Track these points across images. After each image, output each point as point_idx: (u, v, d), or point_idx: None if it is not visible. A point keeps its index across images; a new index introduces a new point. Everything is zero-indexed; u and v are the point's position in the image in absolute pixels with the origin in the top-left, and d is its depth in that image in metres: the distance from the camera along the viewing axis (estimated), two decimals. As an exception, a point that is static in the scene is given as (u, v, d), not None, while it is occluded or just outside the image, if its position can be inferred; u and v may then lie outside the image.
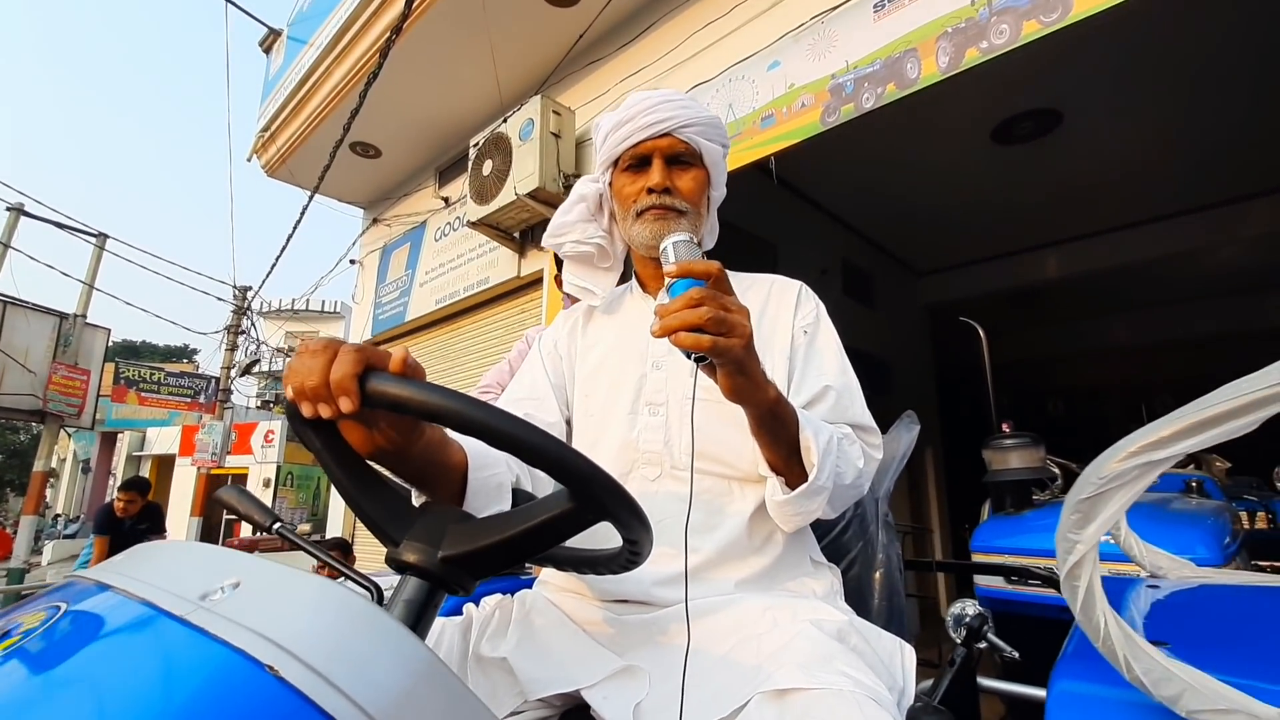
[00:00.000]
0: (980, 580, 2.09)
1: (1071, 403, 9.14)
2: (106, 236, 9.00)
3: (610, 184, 1.01)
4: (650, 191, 0.94)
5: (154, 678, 0.31)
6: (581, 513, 0.54)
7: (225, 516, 16.71)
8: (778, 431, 0.76)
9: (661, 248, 0.73)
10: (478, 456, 0.73)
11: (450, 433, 0.74)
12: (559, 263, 2.06)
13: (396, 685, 0.33)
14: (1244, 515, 2.96)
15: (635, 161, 0.96)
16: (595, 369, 0.98)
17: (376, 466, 0.64)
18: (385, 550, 0.59)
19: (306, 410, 0.54)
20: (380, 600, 0.54)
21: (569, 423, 0.99)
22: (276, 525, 0.66)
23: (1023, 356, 8.13)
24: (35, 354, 8.15)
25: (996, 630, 1.21)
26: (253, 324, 11.44)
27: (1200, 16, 3.29)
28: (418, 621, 0.54)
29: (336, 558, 0.82)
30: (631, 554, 0.61)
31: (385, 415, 0.59)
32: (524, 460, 0.51)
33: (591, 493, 0.53)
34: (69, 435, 16.50)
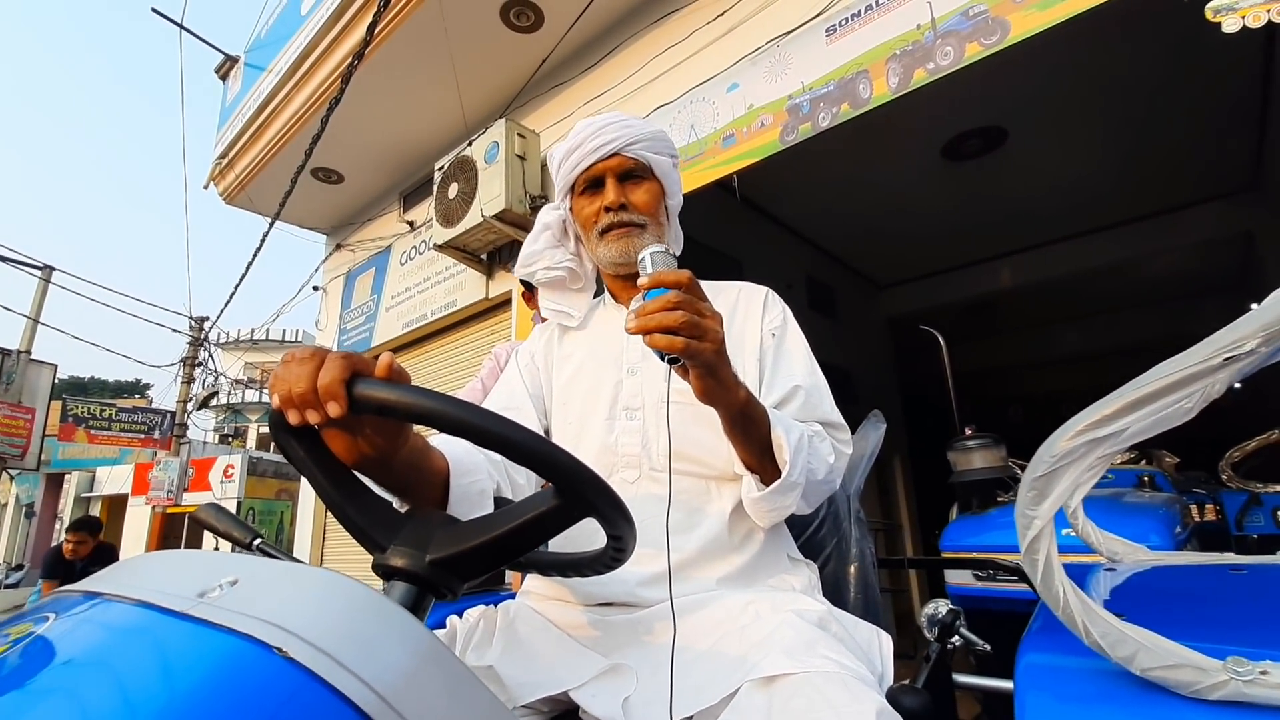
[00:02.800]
0: (951, 579, 2.14)
1: (1030, 409, 9.44)
2: (52, 269, 8.69)
3: (571, 209, 1.05)
4: (607, 210, 0.97)
5: (160, 670, 0.31)
6: (567, 509, 0.56)
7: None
8: (750, 431, 0.79)
9: (639, 259, 0.76)
10: (459, 464, 0.74)
11: (432, 441, 0.75)
12: (526, 282, 2.08)
13: (402, 665, 0.34)
14: (1193, 508, 3.10)
15: (590, 184, 1.00)
16: (572, 378, 1.00)
17: (359, 476, 0.64)
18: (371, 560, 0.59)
19: (293, 418, 0.54)
20: None
21: (547, 432, 1.00)
22: (257, 541, 0.66)
23: (982, 366, 8.39)
24: (-25, 393, 7.79)
25: (968, 627, 1.25)
26: (210, 355, 11.11)
27: (1131, 37, 3.51)
28: None
29: None
30: (616, 550, 0.62)
31: (370, 422, 0.60)
32: (511, 458, 0.52)
33: (577, 488, 0.54)
34: (11, 478, 15.70)
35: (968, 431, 2.89)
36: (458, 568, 0.56)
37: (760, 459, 0.81)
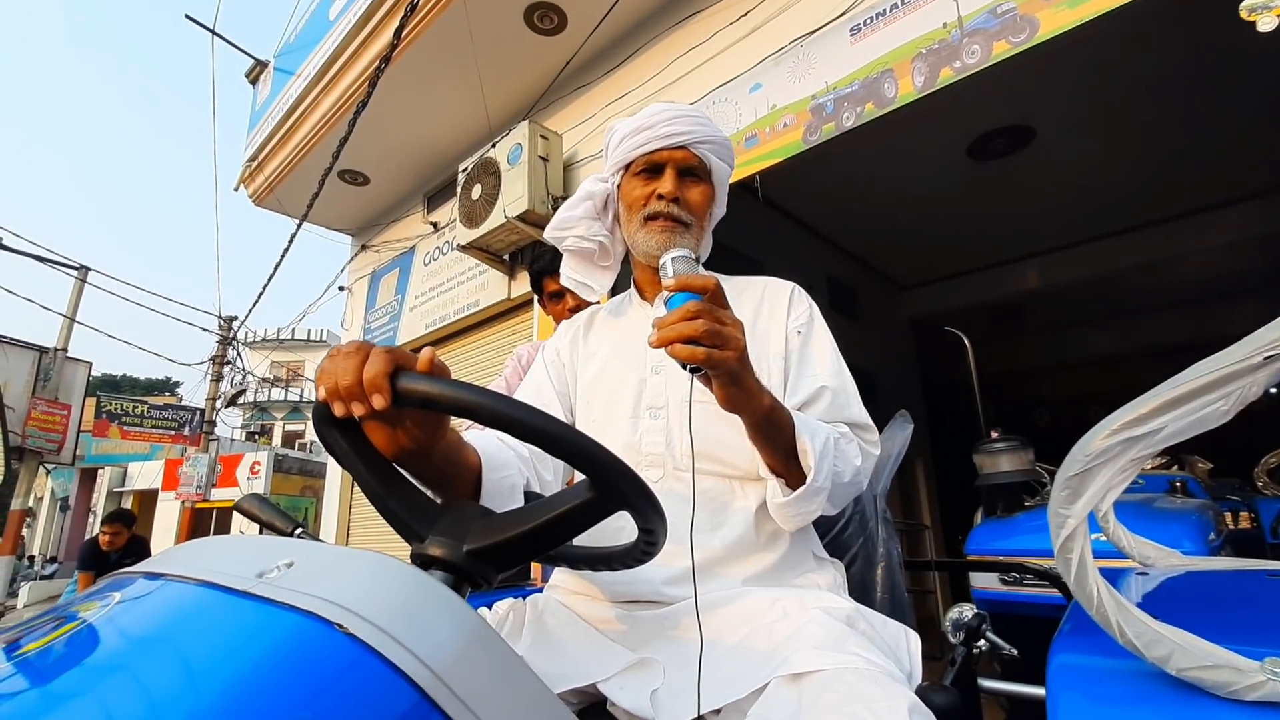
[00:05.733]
0: (976, 583, 2.12)
1: (1057, 412, 9.27)
2: (88, 269, 8.94)
3: (619, 186, 1.04)
4: (660, 198, 0.96)
5: (227, 645, 0.33)
6: (601, 502, 0.57)
7: (209, 551, 16.30)
8: (774, 437, 0.79)
9: (660, 263, 0.75)
10: (491, 458, 0.76)
11: (466, 437, 0.76)
12: (536, 285, 2.09)
13: (453, 644, 0.35)
14: (1227, 515, 3.02)
15: (648, 168, 0.99)
16: (597, 375, 1.01)
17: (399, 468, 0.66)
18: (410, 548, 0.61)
19: (339, 410, 0.56)
20: None
21: None
22: (299, 531, 0.68)
23: (1007, 368, 8.25)
24: (14, 389, 8.04)
25: (994, 631, 1.24)
26: (238, 354, 11.34)
27: (1161, 33, 3.44)
28: None
29: None
30: (647, 544, 0.63)
31: (411, 416, 0.61)
32: (549, 451, 0.53)
33: (612, 481, 0.55)
34: (47, 472, 16.15)
35: (994, 434, 2.85)
36: (493, 558, 0.58)
37: (785, 463, 0.80)
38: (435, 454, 0.66)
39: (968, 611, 1.29)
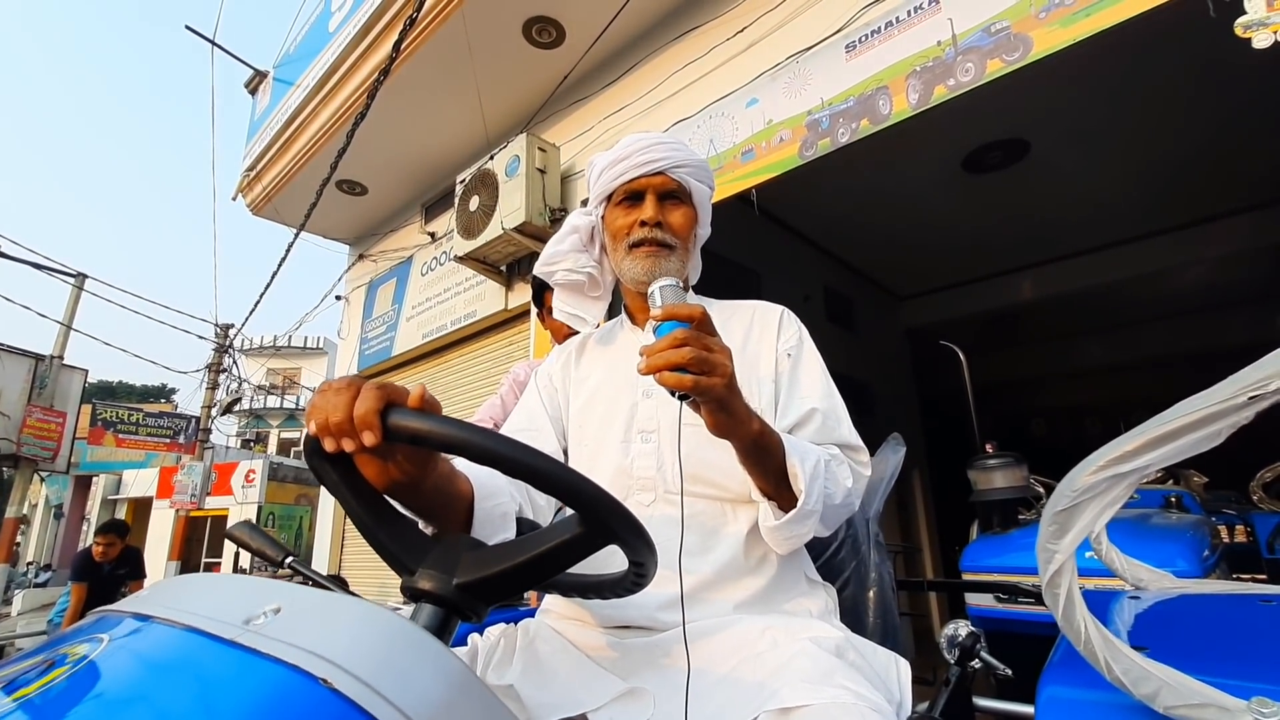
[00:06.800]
0: (971, 600, 2.11)
1: (1054, 423, 9.28)
2: (85, 276, 8.93)
3: (603, 218, 1.06)
4: (643, 225, 0.98)
5: (214, 698, 0.33)
6: (590, 537, 0.57)
7: (204, 559, 16.25)
8: (764, 461, 0.79)
9: (649, 292, 0.77)
10: (483, 487, 0.76)
11: (457, 465, 0.76)
12: (537, 299, 2.10)
13: (437, 696, 0.35)
14: (1222, 529, 3.02)
15: (628, 196, 1.01)
16: (589, 400, 1.01)
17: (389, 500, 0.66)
18: (399, 581, 0.61)
19: (330, 445, 0.56)
20: None
21: (565, 452, 1.02)
22: (289, 559, 0.68)
23: (1004, 378, 8.28)
24: (9, 396, 8.01)
25: (990, 649, 1.23)
26: (234, 362, 11.32)
27: (1157, 49, 3.47)
28: None
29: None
30: (637, 576, 0.63)
31: (402, 449, 0.61)
32: (538, 487, 0.54)
33: (600, 517, 0.56)
34: (41, 479, 16.07)
35: (989, 449, 2.86)
36: (483, 591, 0.58)
37: (776, 487, 0.81)
38: (426, 486, 0.66)
39: (963, 629, 1.28)
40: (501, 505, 0.76)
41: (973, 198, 5.04)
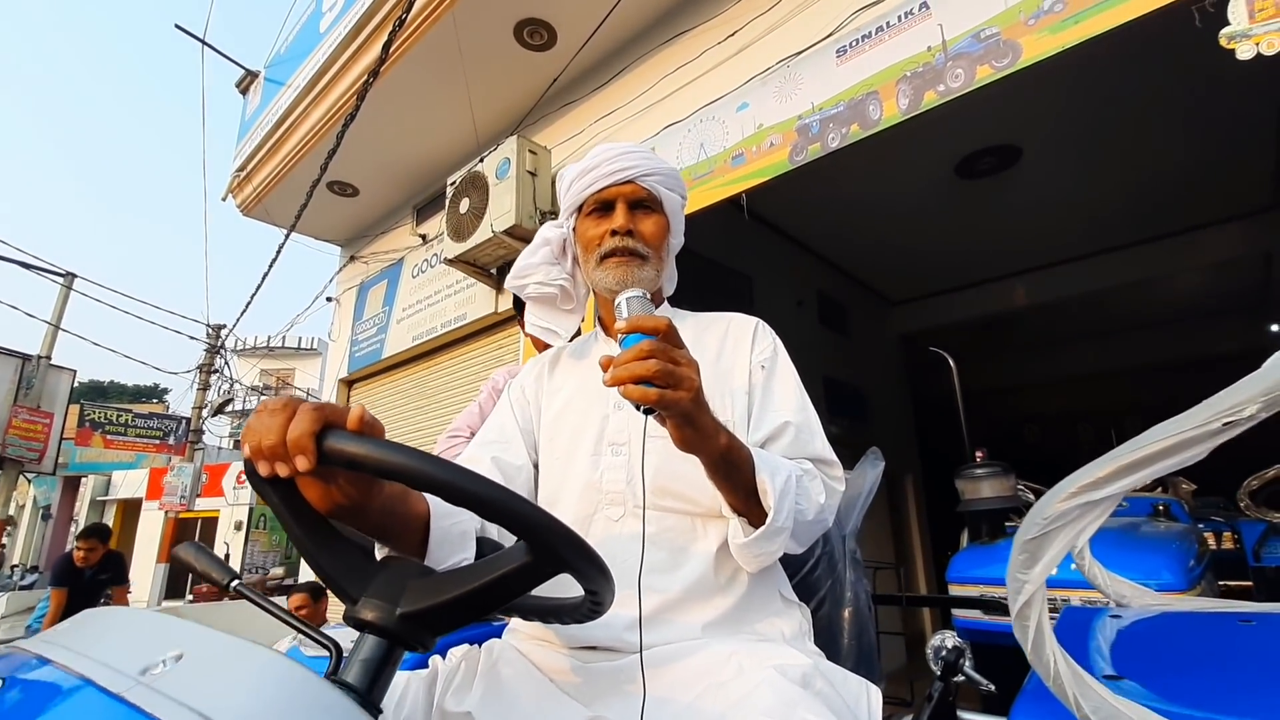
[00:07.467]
0: (958, 612, 2.10)
1: (1047, 427, 9.30)
2: (74, 276, 8.85)
3: (574, 229, 1.04)
4: (614, 234, 0.96)
5: None
6: (539, 565, 0.54)
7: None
8: (733, 476, 0.77)
9: (615, 304, 0.75)
10: (439, 505, 0.73)
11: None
12: (519, 306, 2.08)
13: None
14: (1210, 536, 3.02)
15: (599, 206, 1.00)
16: (560, 412, 0.99)
17: (336, 523, 0.63)
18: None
19: (263, 469, 0.54)
20: (340, 660, 0.54)
21: (536, 467, 0.99)
22: (234, 583, 0.65)
23: (997, 384, 8.30)
24: (-4, 397, 7.93)
25: (976, 661, 1.21)
26: (226, 362, 11.24)
27: (1147, 58, 3.47)
28: (375, 681, 0.53)
29: (303, 608, 0.80)
30: (593, 604, 0.61)
31: (343, 472, 0.59)
32: (482, 515, 0.51)
33: (548, 544, 0.53)
34: (28, 480, 15.92)
35: (978, 457, 2.84)
36: (428, 621, 0.55)
37: (746, 502, 0.79)
38: (374, 508, 0.63)
39: (949, 640, 1.27)
40: (460, 524, 0.74)
41: (965, 203, 5.04)
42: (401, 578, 0.57)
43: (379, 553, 0.72)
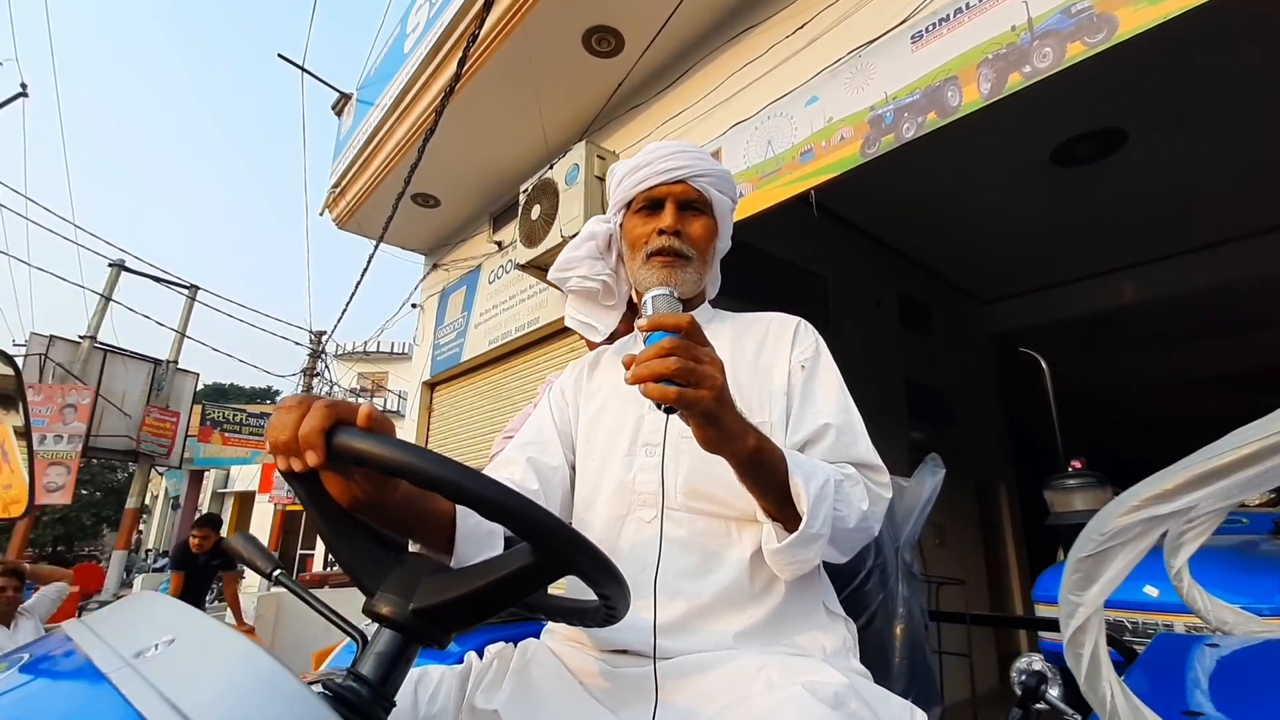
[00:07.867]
0: (1044, 634, 1.93)
1: (1156, 435, 8.48)
2: (197, 288, 9.74)
3: (621, 225, 1.04)
4: (661, 233, 0.95)
5: None
6: (544, 567, 0.54)
7: (299, 551, 17.31)
8: (763, 479, 0.74)
9: (642, 301, 0.74)
10: None
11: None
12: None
13: None
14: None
15: (648, 204, 0.99)
16: (597, 414, 0.99)
17: (363, 518, 0.65)
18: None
19: (281, 464, 0.56)
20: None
21: (573, 468, 0.99)
22: (276, 572, 0.69)
23: (1100, 387, 7.64)
24: (131, 398, 8.83)
25: (1065, 687, 1.13)
26: (326, 366, 12.06)
27: (1266, 27, 3.11)
28: (389, 674, 0.54)
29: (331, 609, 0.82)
30: (608, 610, 0.60)
31: (359, 468, 0.61)
32: (484, 515, 0.51)
33: (554, 546, 0.52)
34: (160, 474, 17.64)
35: (1075, 466, 2.62)
36: (441, 618, 0.56)
37: (779, 506, 0.75)
38: (393, 503, 0.64)
39: (1036, 664, 1.18)
40: (485, 522, 0.74)
41: (1063, 193, 4.68)
42: (417, 573, 0.58)
43: (413, 548, 0.73)
